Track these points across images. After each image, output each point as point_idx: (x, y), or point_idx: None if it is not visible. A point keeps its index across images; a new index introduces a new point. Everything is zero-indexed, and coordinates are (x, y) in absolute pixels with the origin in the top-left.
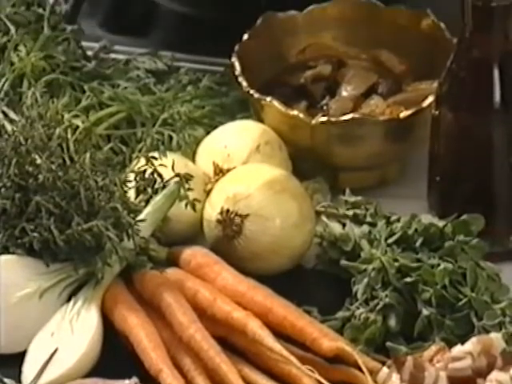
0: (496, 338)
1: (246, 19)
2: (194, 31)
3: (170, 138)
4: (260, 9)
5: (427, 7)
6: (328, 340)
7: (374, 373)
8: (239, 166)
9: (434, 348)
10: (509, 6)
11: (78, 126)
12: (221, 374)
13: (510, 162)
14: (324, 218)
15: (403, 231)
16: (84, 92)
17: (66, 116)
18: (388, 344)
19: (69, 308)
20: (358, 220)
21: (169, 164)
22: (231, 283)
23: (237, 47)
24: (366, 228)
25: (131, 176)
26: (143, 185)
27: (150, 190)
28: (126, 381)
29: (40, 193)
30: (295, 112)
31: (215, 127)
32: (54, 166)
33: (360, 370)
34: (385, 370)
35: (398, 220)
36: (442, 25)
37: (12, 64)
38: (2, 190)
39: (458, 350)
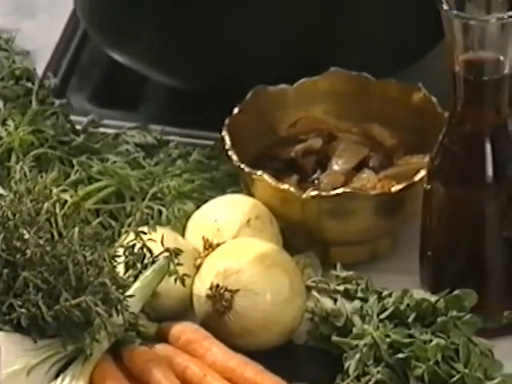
0: None
1: (236, 93)
2: (184, 105)
3: (160, 212)
4: (250, 82)
5: (418, 81)
6: None
7: None
8: (229, 241)
9: None
10: (500, 80)
11: (66, 201)
12: None
13: (502, 236)
14: (315, 293)
15: (395, 306)
16: (73, 166)
17: (55, 190)
18: None
19: None
20: (349, 295)
21: (158, 238)
22: (221, 359)
23: (227, 121)
24: (357, 303)
25: (120, 251)
26: (132, 260)
27: (139, 264)
28: None
29: (28, 268)
30: (286, 186)
31: (205, 201)
32: (42, 241)
33: None
34: None
35: (390, 295)
36: (434, 99)
37: (0, 138)
38: None
39: None
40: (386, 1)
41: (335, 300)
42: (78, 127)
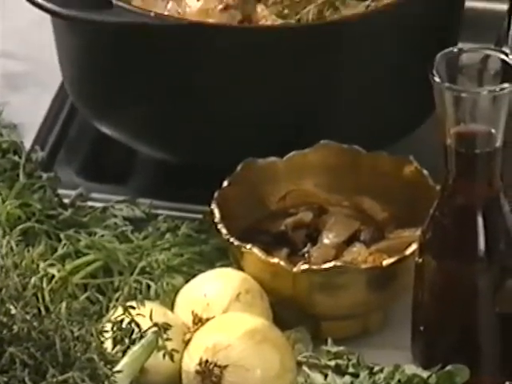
0: None
1: (225, 166)
2: (173, 178)
3: (148, 286)
4: (240, 155)
5: (410, 154)
6: None
7: None
8: (219, 315)
9: None
10: (492, 153)
11: (53, 276)
12: None
13: (495, 311)
14: (306, 369)
15: (386, 382)
16: (60, 240)
17: (42, 265)
18: None
19: None
20: (340, 370)
21: (147, 313)
22: None
23: (216, 194)
24: (348, 379)
25: (108, 326)
26: (120, 335)
27: (127, 340)
28: None
29: (14, 344)
30: (276, 260)
31: (194, 275)
32: (28, 316)
33: None
34: None
35: (381, 370)
36: (425, 172)
37: None
38: None
39: None
40: (376, 74)
41: (326, 375)
42: (66, 201)
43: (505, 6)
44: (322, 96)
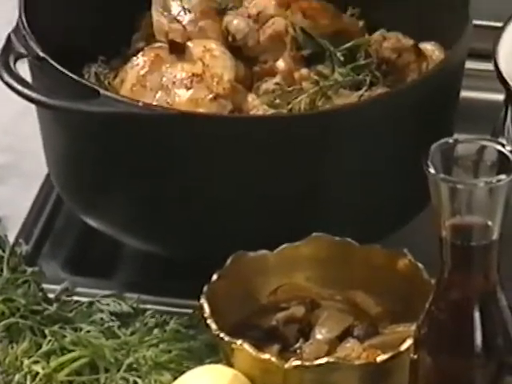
0: None
1: (214, 259)
2: (161, 272)
3: (136, 383)
4: (229, 248)
5: (404, 247)
6: None
7: None
8: None
9: None
10: (489, 246)
11: (38, 373)
12: None
13: None
14: None
15: None
16: (45, 336)
17: (26, 362)
18: None
19: None
20: None
21: None
22: None
23: (205, 288)
24: None
25: None
26: None
27: None
28: None
29: None
30: (267, 356)
31: (182, 372)
32: None
33: None
34: None
35: None
36: (420, 265)
37: None
38: None
39: None
40: (370, 165)
41: None
42: (51, 296)
43: (501, 97)
44: (314, 187)
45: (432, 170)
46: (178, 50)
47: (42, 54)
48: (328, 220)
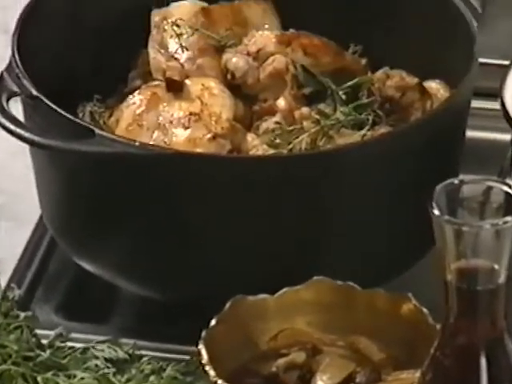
0: None
1: (213, 303)
2: (158, 317)
3: None
4: (228, 292)
5: (408, 291)
6: None
7: None
8: None
9: None
10: (495, 290)
11: None
12: None
13: None
14: None
15: None
16: None
17: None
18: None
19: None
20: None
21: None
22: None
23: (204, 333)
24: None
25: None
26: None
27: None
28: None
29: None
30: None
31: None
32: None
33: None
34: None
35: None
36: (425, 310)
37: None
38: None
39: None
40: (372, 207)
41: None
42: (44, 341)
43: (508, 137)
44: (315, 229)
45: (437, 212)
46: (175, 88)
47: (35, 93)
48: (330, 263)
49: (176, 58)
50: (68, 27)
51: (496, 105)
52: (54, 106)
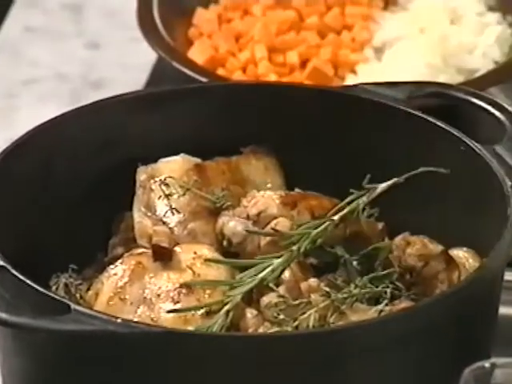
0: None
1: None
2: None
3: None
4: None
5: None
6: None
7: None
8: None
9: None
10: None
11: None
12: None
13: None
14: None
15: None
16: None
17: None
18: None
19: None
20: None
21: None
22: None
23: None
24: None
25: None
26: None
27: None
28: None
29: None
30: None
31: None
32: None
33: None
34: None
35: None
36: None
37: None
38: None
39: None
40: None
41: None
42: None
43: None
44: None
45: None
46: (163, 256)
47: (1, 263)
48: None
49: (165, 222)
50: (38, 191)
51: None
52: (22, 278)
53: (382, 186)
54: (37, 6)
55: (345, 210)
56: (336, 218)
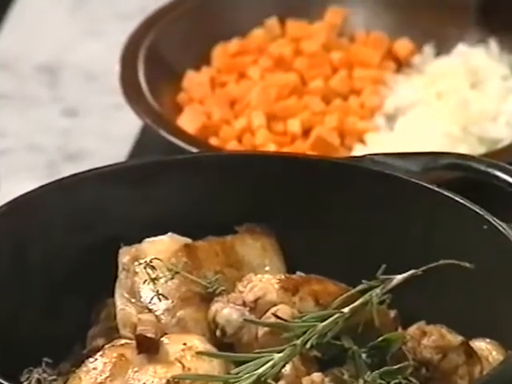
0: None
1: None
2: None
3: None
4: None
5: None
6: None
7: None
8: None
9: None
10: None
11: None
12: None
13: None
14: None
15: None
16: None
17: None
18: None
19: None
20: None
21: None
22: None
23: None
24: None
25: None
26: None
27: None
28: None
29: None
30: None
31: None
32: None
33: None
34: None
35: None
36: None
37: None
38: None
39: None
40: None
41: None
42: None
43: None
44: None
45: None
46: (148, 348)
47: None
48: None
49: (150, 310)
50: (9, 280)
51: None
52: None
53: (398, 277)
54: (7, 69)
55: (357, 302)
56: (347, 310)
